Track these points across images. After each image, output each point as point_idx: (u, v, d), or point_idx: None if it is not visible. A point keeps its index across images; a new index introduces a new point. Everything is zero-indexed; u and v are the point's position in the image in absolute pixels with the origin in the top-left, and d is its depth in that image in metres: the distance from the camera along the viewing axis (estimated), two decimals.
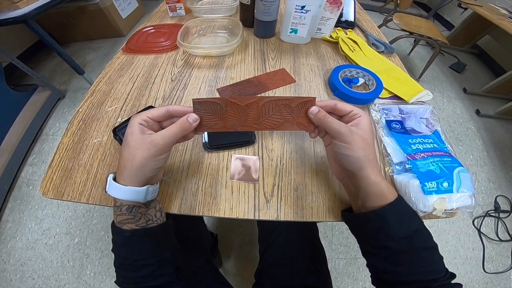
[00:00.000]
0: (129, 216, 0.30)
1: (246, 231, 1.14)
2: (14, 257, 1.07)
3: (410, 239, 0.30)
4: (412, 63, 2.20)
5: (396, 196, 0.31)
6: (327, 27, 0.69)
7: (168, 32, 0.69)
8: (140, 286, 0.32)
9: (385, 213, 0.30)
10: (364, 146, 0.30)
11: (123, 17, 2.18)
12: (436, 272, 0.30)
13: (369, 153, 0.31)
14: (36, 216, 1.18)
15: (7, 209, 1.20)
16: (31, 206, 1.21)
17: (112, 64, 0.61)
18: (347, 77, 0.58)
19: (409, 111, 0.50)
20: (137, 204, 0.30)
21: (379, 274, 0.33)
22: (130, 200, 0.29)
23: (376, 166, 0.31)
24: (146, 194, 0.30)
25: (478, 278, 1.06)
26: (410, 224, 0.31)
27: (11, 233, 1.13)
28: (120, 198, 0.29)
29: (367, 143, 0.31)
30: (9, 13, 1.16)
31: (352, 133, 0.31)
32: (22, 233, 1.13)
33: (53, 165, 0.42)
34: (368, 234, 0.33)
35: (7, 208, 1.21)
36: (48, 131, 1.52)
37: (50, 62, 2.00)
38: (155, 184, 0.33)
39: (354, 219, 0.35)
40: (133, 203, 0.30)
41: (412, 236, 0.30)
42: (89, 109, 0.50)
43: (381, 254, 0.31)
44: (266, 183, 0.40)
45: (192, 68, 0.60)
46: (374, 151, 0.32)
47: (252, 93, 0.53)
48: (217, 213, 0.38)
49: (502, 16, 1.60)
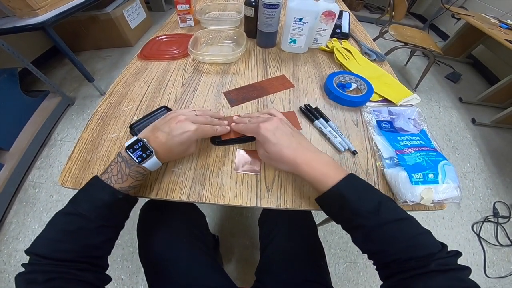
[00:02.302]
0: (139, 182, 0.37)
1: (247, 235, 1.15)
2: (15, 258, 1.06)
3: (377, 213, 0.31)
4: (409, 73, 2.26)
5: (346, 174, 0.34)
6: (323, 38, 0.75)
7: (179, 41, 0.75)
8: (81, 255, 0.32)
9: (340, 190, 0.33)
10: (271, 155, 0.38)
11: (132, 28, 2.26)
12: (428, 247, 0.29)
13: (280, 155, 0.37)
14: (40, 218, 1.19)
15: (12, 211, 1.20)
16: (36, 208, 1.22)
17: (128, 69, 0.66)
18: (341, 82, 0.63)
19: (397, 112, 0.55)
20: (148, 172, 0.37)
21: (373, 257, 0.33)
22: (152, 170, 0.37)
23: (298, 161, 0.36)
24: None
25: (481, 283, 1.05)
26: (370, 197, 0.33)
27: (13, 235, 1.13)
28: (149, 169, 0.37)
29: (272, 150, 0.37)
30: (28, 20, 1.22)
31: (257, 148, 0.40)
32: (25, 234, 1.13)
33: (72, 157, 0.46)
34: (337, 215, 0.35)
35: (12, 210, 1.21)
36: (56, 136, 1.56)
37: (61, 70, 2.06)
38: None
39: (321, 200, 0.36)
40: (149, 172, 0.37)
41: (378, 209, 0.31)
42: (108, 108, 0.55)
43: (359, 234, 0.33)
44: (268, 174, 0.44)
45: (201, 74, 0.65)
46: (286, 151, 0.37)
47: (255, 97, 0.58)
48: (223, 201, 0.41)
49: (492, 26, 1.63)
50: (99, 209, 0.33)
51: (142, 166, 0.35)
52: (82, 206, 0.33)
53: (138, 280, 1.03)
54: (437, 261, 0.28)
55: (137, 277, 1.04)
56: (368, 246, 0.33)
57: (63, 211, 0.33)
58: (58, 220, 0.33)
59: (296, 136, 0.39)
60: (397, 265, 0.30)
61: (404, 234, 0.31)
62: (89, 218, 0.32)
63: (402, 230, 0.31)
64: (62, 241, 0.31)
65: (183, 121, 0.38)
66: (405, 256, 0.29)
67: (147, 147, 0.36)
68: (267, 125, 0.39)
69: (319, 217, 1.08)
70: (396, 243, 0.30)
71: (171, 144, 0.37)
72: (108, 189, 0.34)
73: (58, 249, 0.31)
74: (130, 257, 1.09)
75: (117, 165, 0.35)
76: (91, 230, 0.33)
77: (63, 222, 0.33)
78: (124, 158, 0.35)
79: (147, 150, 0.36)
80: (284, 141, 0.37)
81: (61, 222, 0.33)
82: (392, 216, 0.32)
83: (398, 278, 0.29)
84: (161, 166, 0.44)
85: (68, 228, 0.32)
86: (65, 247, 0.31)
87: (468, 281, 0.27)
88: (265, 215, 0.70)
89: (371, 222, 0.31)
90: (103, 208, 0.33)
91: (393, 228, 0.31)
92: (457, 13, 1.86)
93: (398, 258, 0.30)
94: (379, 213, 0.31)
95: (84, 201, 0.34)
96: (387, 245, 0.31)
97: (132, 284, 1.02)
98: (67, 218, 0.33)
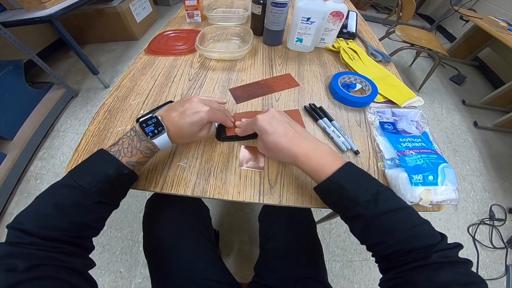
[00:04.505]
0: (147, 159, 0.38)
1: (247, 231, 1.16)
2: None
3: (376, 202, 0.31)
4: (413, 74, 2.25)
5: (344, 162, 0.34)
6: (330, 38, 0.75)
7: (186, 37, 0.75)
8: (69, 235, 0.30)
9: (338, 179, 0.33)
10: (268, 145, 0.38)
11: (138, 21, 2.26)
12: (429, 238, 0.29)
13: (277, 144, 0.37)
14: None
15: (13, 202, 1.21)
16: None
17: (135, 63, 0.66)
18: (346, 82, 0.63)
19: (401, 114, 0.55)
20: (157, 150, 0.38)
21: (372, 249, 0.33)
22: (161, 149, 0.38)
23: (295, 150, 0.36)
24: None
25: None
26: (368, 186, 0.33)
27: None
28: (159, 147, 0.37)
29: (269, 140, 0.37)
30: (36, 13, 1.23)
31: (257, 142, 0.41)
32: None
33: (79, 149, 0.46)
34: (336, 204, 0.35)
35: (13, 201, 1.22)
36: (59, 127, 1.57)
37: (65, 62, 2.07)
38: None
39: (319, 190, 0.36)
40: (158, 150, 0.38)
41: (377, 198, 0.31)
42: (114, 102, 0.55)
43: (358, 224, 0.33)
44: (271, 171, 0.45)
45: (208, 70, 0.66)
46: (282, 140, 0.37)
47: (260, 94, 0.59)
48: (226, 196, 0.42)
49: (501, 29, 1.60)
50: (101, 183, 0.32)
51: (152, 141, 0.36)
52: (84, 179, 0.31)
53: (136, 273, 1.04)
54: (438, 253, 0.27)
55: (135, 270, 1.05)
56: (367, 237, 0.33)
57: (60, 183, 0.32)
58: (52, 192, 0.31)
59: (294, 125, 0.39)
60: (398, 257, 0.29)
61: (403, 224, 0.30)
62: (88, 192, 0.31)
63: (401, 220, 0.31)
64: (53, 216, 0.29)
65: (197, 102, 0.39)
66: (406, 248, 0.29)
67: (160, 124, 0.36)
68: (264, 115, 0.39)
69: (318, 215, 1.09)
70: (395, 234, 0.30)
71: (183, 123, 0.38)
72: (114, 162, 0.33)
73: (46, 225, 0.28)
74: (129, 251, 1.10)
75: (129, 139, 0.36)
76: (86, 206, 0.31)
77: (57, 195, 0.31)
78: (137, 132, 0.36)
79: (159, 127, 0.36)
80: (280, 130, 0.37)
81: (55, 195, 0.31)
82: (391, 206, 0.31)
83: (399, 270, 0.29)
84: (167, 160, 0.45)
85: (62, 202, 0.30)
86: (55, 223, 0.29)
87: (474, 275, 0.27)
88: (265, 211, 0.71)
89: (370, 212, 0.31)
90: (105, 183, 0.32)
91: (392, 218, 0.31)
92: (466, 15, 1.83)
93: (398, 250, 0.29)
94: (378, 202, 0.31)
95: (85, 173, 0.32)
96: (386, 235, 0.30)
97: (130, 277, 1.03)
98: (63, 190, 0.31)
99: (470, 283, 0.26)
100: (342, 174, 0.33)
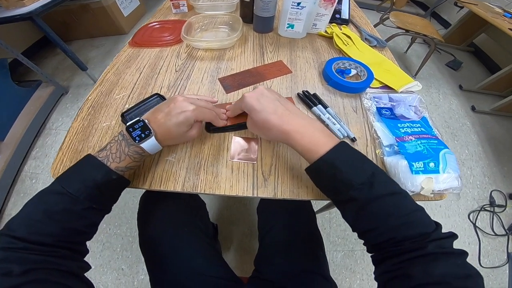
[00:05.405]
0: (137, 164, 0.36)
1: (246, 223, 1.15)
2: None
3: (371, 185, 0.29)
4: (409, 60, 2.23)
5: (338, 141, 0.33)
6: (322, 23, 0.72)
7: (172, 28, 0.72)
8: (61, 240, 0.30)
9: (331, 159, 0.31)
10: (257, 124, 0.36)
11: (125, 15, 2.21)
12: (423, 226, 0.28)
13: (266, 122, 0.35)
14: None
15: (10, 203, 1.20)
16: None
17: (119, 57, 0.63)
18: (340, 68, 0.61)
19: (398, 99, 0.53)
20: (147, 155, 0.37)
21: (364, 236, 0.32)
22: (150, 152, 0.36)
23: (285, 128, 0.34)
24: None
25: None
26: (363, 168, 0.31)
27: None
28: (148, 151, 0.36)
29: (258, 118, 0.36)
30: (16, 10, 1.20)
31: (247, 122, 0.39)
32: None
33: (63, 147, 0.44)
34: (328, 187, 0.34)
35: (10, 202, 1.21)
36: (51, 125, 1.55)
37: (53, 60, 2.02)
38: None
39: (311, 171, 0.35)
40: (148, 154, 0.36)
41: (372, 181, 0.30)
42: (98, 97, 0.53)
43: (350, 208, 0.31)
44: (264, 163, 0.43)
45: (195, 60, 0.63)
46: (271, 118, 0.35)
47: (251, 83, 0.56)
48: (218, 191, 0.40)
49: (496, 14, 1.61)
50: (90, 189, 0.31)
51: (140, 146, 0.34)
52: (72, 186, 0.30)
53: (138, 270, 1.04)
54: (433, 242, 0.26)
55: (137, 266, 1.04)
56: (360, 223, 0.32)
57: (49, 190, 0.31)
58: (41, 199, 0.31)
59: (284, 102, 0.37)
60: (391, 246, 0.28)
61: (398, 210, 0.29)
62: (77, 198, 0.30)
63: (396, 205, 0.29)
64: (44, 223, 0.29)
65: (182, 101, 0.37)
66: (399, 236, 0.28)
67: (146, 127, 0.35)
68: (251, 93, 0.38)
69: (317, 205, 1.07)
70: (389, 220, 0.29)
71: (169, 124, 0.36)
72: (102, 168, 0.32)
73: (37, 231, 0.28)
74: (129, 247, 1.09)
75: (117, 143, 0.34)
76: (76, 212, 0.30)
77: (47, 202, 0.30)
78: (125, 136, 0.35)
79: (146, 130, 0.35)
80: (269, 108, 0.35)
81: (45, 202, 0.30)
82: (385, 190, 0.30)
83: (394, 262, 0.28)
84: (154, 155, 0.43)
85: (52, 209, 0.29)
86: (46, 229, 0.29)
87: (470, 267, 0.26)
88: (263, 203, 0.69)
89: (364, 195, 0.29)
90: (94, 189, 0.31)
91: (387, 202, 0.29)
92: (461, 1, 1.82)
93: (392, 238, 0.28)
94: (373, 185, 0.29)
95: (74, 179, 0.32)
96: (380, 221, 0.29)
97: (132, 274, 1.03)
98: (52, 197, 0.30)
99: (467, 276, 0.25)
100: (336, 154, 0.32)
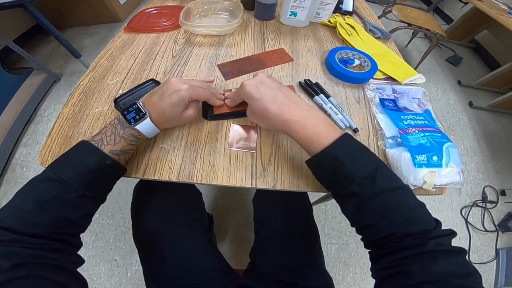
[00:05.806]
0: (133, 147, 0.35)
1: (242, 213, 1.14)
2: None
3: (373, 180, 0.28)
4: (409, 54, 2.22)
5: (342, 133, 0.31)
6: (326, 12, 0.70)
7: (170, 13, 0.69)
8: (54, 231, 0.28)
9: (334, 151, 0.30)
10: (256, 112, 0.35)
11: (121, 3, 2.14)
12: (424, 223, 0.28)
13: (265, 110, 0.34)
14: None
15: (0, 192, 1.18)
16: None
17: (113, 42, 0.61)
18: (343, 58, 0.59)
19: (402, 91, 0.52)
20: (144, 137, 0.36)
21: (363, 231, 0.32)
22: (147, 136, 0.36)
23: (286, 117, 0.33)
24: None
25: None
26: (366, 161, 0.30)
27: None
28: (144, 133, 0.35)
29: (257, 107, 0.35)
30: None
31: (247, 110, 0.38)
32: None
33: (52, 133, 0.42)
34: (329, 180, 0.33)
35: (0, 191, 1.19)
36: (43, 112, 1.52)
37: (46, 47, 1.96)
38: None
39: (312, 163, 0.34)
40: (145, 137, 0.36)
41: (375, 176, 0.29)
42: (90, 82, 0.50)
43: (351, 203, 0.31)
44: (264, 152, 0.42)
45: (193, 46, 0.60)
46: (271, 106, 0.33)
47: (251, 70, 0.55)
48: (215, 181, 0.38)
49: (501, 11, 1.59)
50: (83, 175, 0.29)
51: (135, 128, 0.34)
52: (64, 172, 0.29)
53: (132, 261, 1.03)
54: (433, 240, 0.26)
55: (130, 258, 1.03)
56: (360, 218, 0.31)
57: (40, 177, 0.29)
58: (32, 187, 0.29)
59: (284, 90, 0.36)
60: (391, 243, 0.28)
61: (399, 206, 0.28)
62: (70, 185, 0.28)
63: (397, 201, 0.29)
64: (34, 212, 0.27)
65: (175, 81, 0.37)
66: (400, 232, 0.27)
67: (140, 110, 0.35)
68: (251, 80, 0.36)
69: (313, 196, 1.07)
70: (390, 216, 0.28)
71: (164, 105, 0.35)
72: (97, 153, 0.31)
73: (28, 221, 0.27)
74: (122, 238, 1.08)
75: (112, 127, 0.34)
76: (69, 201, 0.29)
77: (38, 190, 0.29)
78: (120, 120, 0.34)
79: (140, 112, 0.34)
80: (269, 96, 0.34)
81: (35, 190, 0.29)
82: (388, 185, 0.29)
83: (393, 258, 0.27)
84: (149, 142, 0.41)
85: (43, 197, 0.28)
86: (38, 220, 0.27)
87: (469, 265, 0.26)
88: (260, 194, 0.68)
89: (366, 191, 0.28)
90: (88, 175, 0.30)
91: (389, 198, 0.28)
92: None
93: (392, 234, 0.27)
94: (375, 180, 0.28)
95: (66, 166, 0.30)
96: (380, 217, 0.28)
97: (125, 265, 1.02)
98: (44, 185, 0.29)
99: (466, 274, 0.25)
100: (340, 146, 0.30)
